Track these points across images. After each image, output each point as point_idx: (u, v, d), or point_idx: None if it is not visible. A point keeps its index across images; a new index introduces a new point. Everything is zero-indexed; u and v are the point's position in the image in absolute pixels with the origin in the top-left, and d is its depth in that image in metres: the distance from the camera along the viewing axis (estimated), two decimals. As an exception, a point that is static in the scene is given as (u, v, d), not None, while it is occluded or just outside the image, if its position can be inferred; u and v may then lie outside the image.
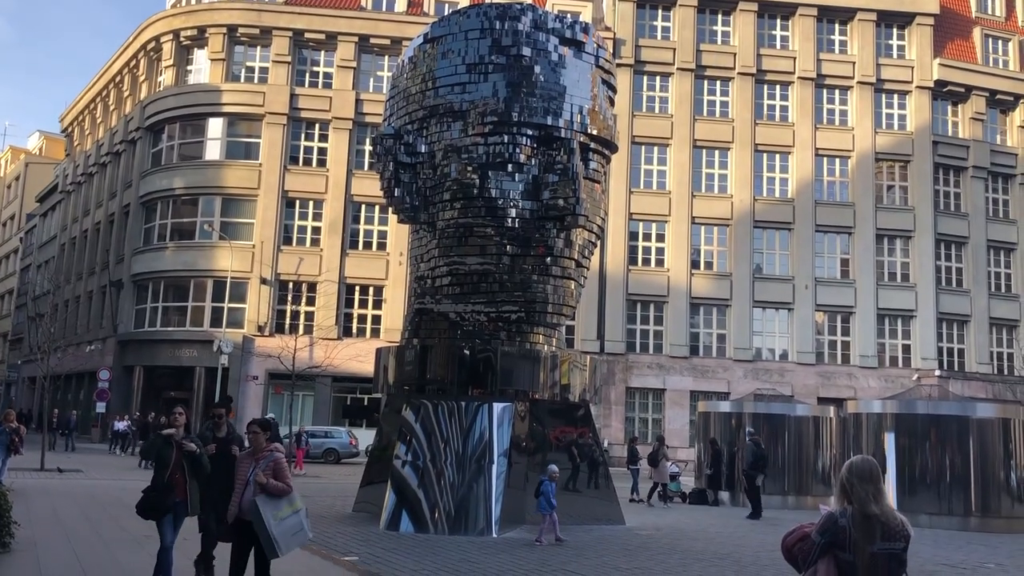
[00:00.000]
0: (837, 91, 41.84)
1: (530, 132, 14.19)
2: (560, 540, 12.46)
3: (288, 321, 37.70)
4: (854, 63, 41.49)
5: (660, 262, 39.62)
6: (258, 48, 40.73)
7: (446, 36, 14.91)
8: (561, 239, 14.28)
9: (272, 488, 6.98)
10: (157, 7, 66.17)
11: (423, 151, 14.70)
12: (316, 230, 39.24)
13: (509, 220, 14.14)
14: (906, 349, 40.30)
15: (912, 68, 41.84)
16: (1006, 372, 40.97)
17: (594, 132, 14.57)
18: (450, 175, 14.48)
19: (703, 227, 40.07)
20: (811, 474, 21.80)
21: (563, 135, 14.25)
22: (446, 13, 19.06)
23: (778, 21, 42.04)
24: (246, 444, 7.78)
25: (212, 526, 8.57)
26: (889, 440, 18.63)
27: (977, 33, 44.08)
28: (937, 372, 38.66)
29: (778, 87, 41.52)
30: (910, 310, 40.31)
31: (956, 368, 40.49)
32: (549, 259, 14.41)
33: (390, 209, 17.03)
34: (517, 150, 14.15)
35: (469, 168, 14.26)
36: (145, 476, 9.29)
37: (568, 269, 14.60)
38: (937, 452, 18.29)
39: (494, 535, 13.14)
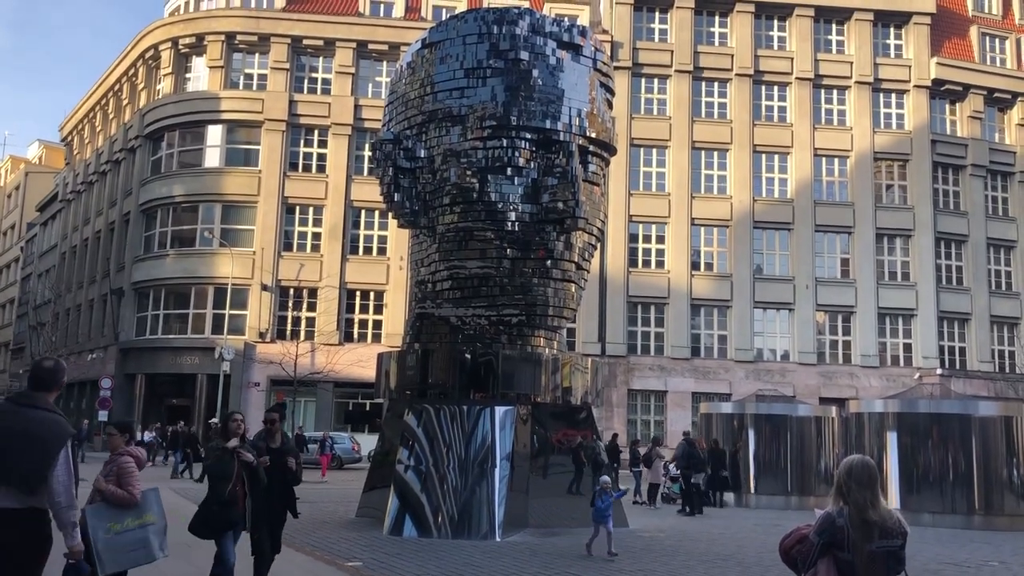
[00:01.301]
0: (835, 91, 41.88)
1: (529, 136, 14.21)
2: (612, 554, 11.90)
3: (289, 327, 37.75)
4: (851, 63, 41.53)
5: (660, 264, 39.64)
6: (256, 55, 40.79)
7: (444, 41, 14.94)
8: (561, 242, 14.30)
9: (110, 495, 6.20)
10: (157, 13, 65.98)
11: (422, 156, 14.72)
12: (316, 236, 39.28)
13: (509, 224, 14.16)
14: (907, 348, 40.30)
15: (910, 67, 41.89)
16: (1008, 370, 40.96)
17: (593, 135, 14.60)
18: (449, 179, 14.51)
19: (703, 228, 40.09)
20: (813, 474, 21.82)
21: (562, 138, 14.28)
22: (444, 18, 19.14)
23: (775, 22, 42.10)
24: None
25: (266, 545, 8.11)
26: (891, 439, 18.65)
27: (974, 31, 44.14)
28: (939, 371, 38.65)
29: (776, 88, 41.57)
30: (911, 309, 40.32)
31: (958, 367, 40.49)
32: (549, 262, 14.42)
33: (390, 214, 17.07)
34: (516, 154, 14.17)
35: (468, 172, 14.28)
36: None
37: (568, 272, 14.62)
38: (940, 451, 18.30)
39: (497, 539, 13.14)
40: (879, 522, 4.14)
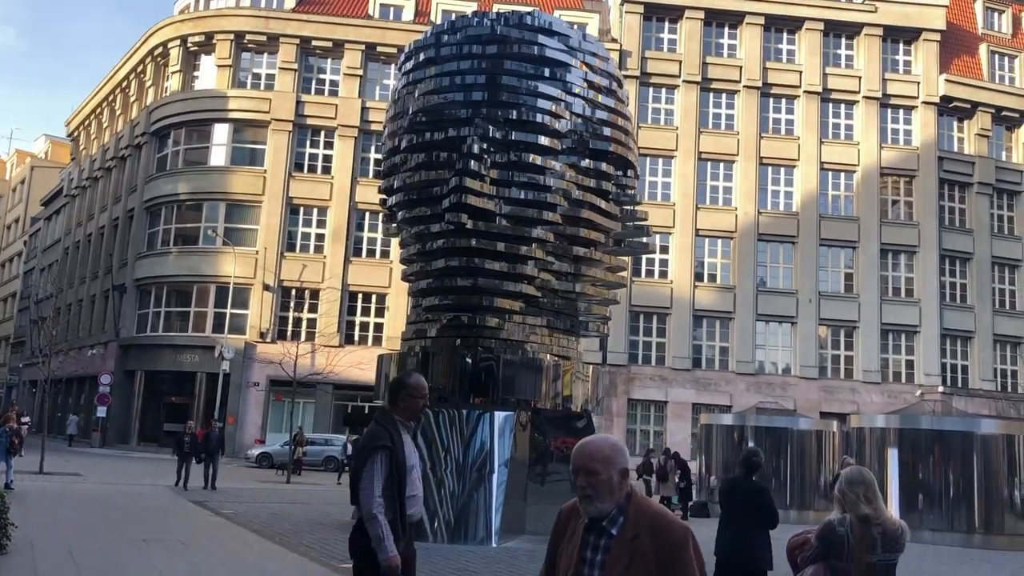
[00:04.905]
0: (843, 105, 41.79)
1: (493, 136, 14.48)
2: None
3: (290, 328, 37.66)
4: (860, 78, 41.45)
5: (664, 274, 39.53)
6: (265, 55, 40.81)
7: (427, 47, 15.60)
8: (527, 246, 14.55)
9: None
10: (167, 16, 66.05)
11: (396, 161, 15.27)
12: (320, 237, 39.23)
13: (477, 225, 14.44)
14: (909, 365, 40.14)
15: (918, 84, 41.80)
16: (1010, 389, 40.79)
17: (580, 138, 14.82)
18: (433, 183, 14.78)
19: (707, 239, 40.00)
20: (813, 488, 21.68)
21: (538, 141, 14.56)
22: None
23: (784, 35, 42.05)
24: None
25: None
26: (892, 455, 18.54)
27: (983, 49, 44.08)
28: (940, 388, 38.48)
29: (784, 101, 41.49)
30: (914, 325, 40.16)
31: (959, 385, 40.31)
32: (548, 268, 14.44)
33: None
34: (482, 154, 14.44)
35: (449, 176, 14.55)
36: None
37: (574, 280, 14.61)
38: (941, 468, 18.18)
39: (494, 545, 13.04)
40: (876, 521, 4.19)
